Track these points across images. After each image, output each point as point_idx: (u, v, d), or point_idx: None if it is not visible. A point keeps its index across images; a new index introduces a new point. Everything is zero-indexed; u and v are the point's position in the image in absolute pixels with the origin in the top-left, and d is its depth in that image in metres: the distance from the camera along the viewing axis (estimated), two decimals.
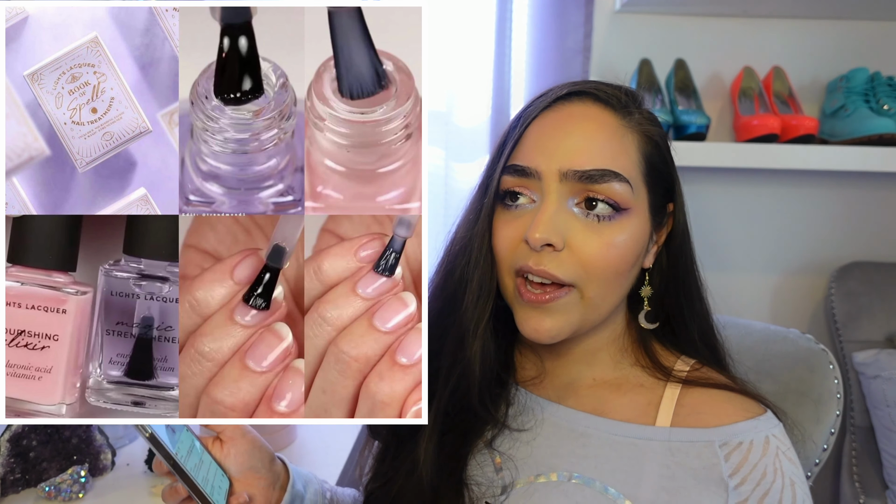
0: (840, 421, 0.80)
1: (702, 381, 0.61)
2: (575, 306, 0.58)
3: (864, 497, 1.28)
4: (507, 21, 1.33)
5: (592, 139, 0.58)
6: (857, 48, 1.40)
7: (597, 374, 0.65)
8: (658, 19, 1.40)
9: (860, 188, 1.46)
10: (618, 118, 0.59)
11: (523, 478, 0.60)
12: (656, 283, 0.64)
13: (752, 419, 0.58)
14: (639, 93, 0.63)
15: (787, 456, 0.58)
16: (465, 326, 0.60)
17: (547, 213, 0.56)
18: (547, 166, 0.57)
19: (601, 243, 0.57)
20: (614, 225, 0.57)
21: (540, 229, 0.56)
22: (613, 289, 0.59)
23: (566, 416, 0.62)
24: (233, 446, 0.59)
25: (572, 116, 0.59)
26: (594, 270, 0.57)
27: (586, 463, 0.59)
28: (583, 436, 0.60)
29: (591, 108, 0.60)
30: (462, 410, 0.61)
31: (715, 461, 0.57)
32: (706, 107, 1.38)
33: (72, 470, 0.83)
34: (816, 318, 1.50)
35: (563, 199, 0.57)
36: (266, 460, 0.60)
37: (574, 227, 0.57)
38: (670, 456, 0.57)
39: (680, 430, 0.58)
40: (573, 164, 0.57)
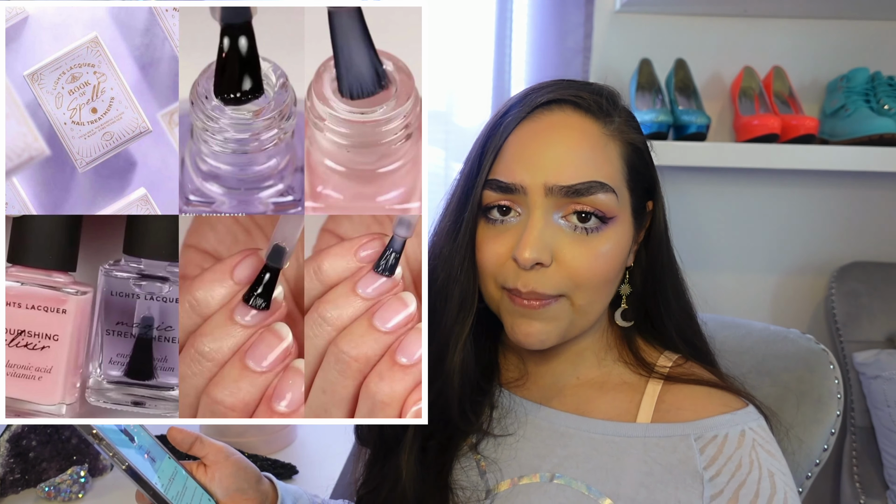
0: (840, 421, 0.80)
1: (684, 377, 0.62)
2: (565, 313, 0.58)
3: (865, 497, 1.28)
4: (507, 21, 1.33)
5: (576, 151, 0.57)
6: (857, 48, 1.40)
7: (581, 374, 0.65)
8: (658, 19, 1.40)
9: (860, 188, 1.46)
10: (599, 126, 0.58)
11: (507, 480, 0.60)
12: (637, 281, 0.64)
13: (728, 413, 0.58)
14: (615, 91, 0.62)
15: (766, 448, 0.57)
16: (446, 340, 0.60)
17: (535, 231, 0.56)
18: (532, 181, 0.56)
19: (589, 255, 0.56)
20: (601, 235, 0.57)
21: (528, 249, 0.55)
22: (602, 295, 0.60)
23: (549, 417, 0.62)
24: (217, 470, 0.58)
25: (553, 127, 0.58)
26: (583, 281, 0.57)
27: (568, 463, 0.59)
28: (564, 436, 0.61)
29: (571, 116, 0.58)
30: (443, 421, 0.61)
31: (690, 454, 0.57)
32: (706, 107, 1.38)
33: (71, 470, 0.83)
34: (816, 318, 1.50)
35: (549, 213, 0.57)
36: (252, 480, 0.60)
37: (562, 241, 0.57)
38: (648, 452, 0.58)
39: (658, 426, 0.59)
40: (559, 179, 0.56)
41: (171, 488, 0.53)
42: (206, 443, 0.58)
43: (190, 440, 0.58)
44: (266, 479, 0.62)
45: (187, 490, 0.55)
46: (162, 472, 0.54)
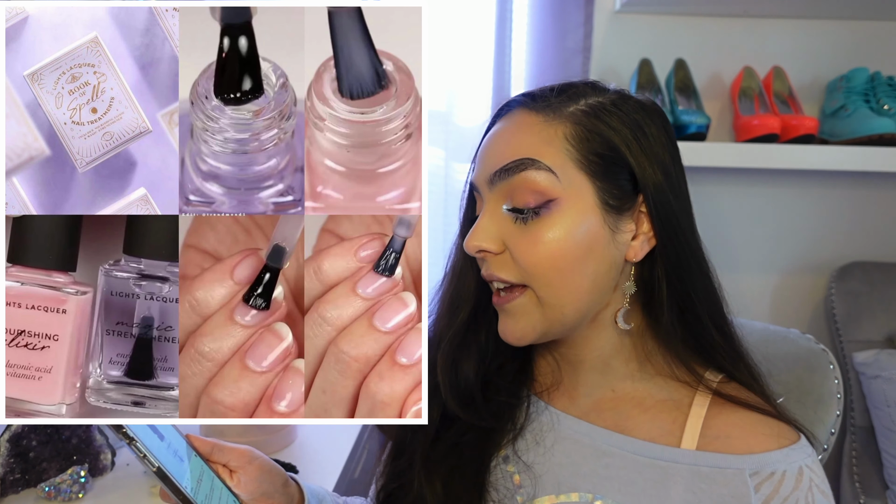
0: (840, 421, 0.80)
1: (731, 398, 0.59)
2: (534, 307, 0.58)
3: (864, 497, 1.28)
4: (507, 21, 1.33)
5: (510, 140, 0.58)
6: (857, 48, 1.40)
7: (615, 386, 0.62)
8: (658, 19, 1.40)
9: (860, 188, 1.46)
10: (540, 116, 0.58)
11: (544, 496, 0.59)
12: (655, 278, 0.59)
13: (785, 448, 0.56)
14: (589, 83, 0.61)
15: (821, 489, 0.56)
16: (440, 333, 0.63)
17: (482, 221, 0.58)
18: (481, 178, 0.60)
19: (530, 242, 0.56)
20: (542, 221, 0.56)
21: (472, 237, 0.58)
22: (566, 285, 0.56)
23: (588, 433, 0.61)
24: (243, 474, 0.57)
25: (499, 129, 0.61)
26: (532, 269, 0.56)
27: (609, 484, 0.57)
28: (605, 455, 0.59)
29: (517, 114, 0.60)
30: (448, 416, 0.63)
31: (744, 490, 0.54)
32: (706, 107, 1.38)
33: (72, 470, 0.83)
34: (816, 318, 1.50)
35: (498, 205, 0.58)
36: (278, 483, 0.59)
37: (509, 230, 0.58)
38: (696, 481, 0.55)
39: (708, 455, 0.56)
40: (495, 165, 0.58)
41: (200, 490, 0.52)
42: (226, 449, 0.57)
43: (207, 448, 0.56)
44: (292, 482, 0.62)
45: (214, 491, 0.54)
46: (191, 472, 0.52)
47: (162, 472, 0.49)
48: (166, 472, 0.49)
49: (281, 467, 0.60)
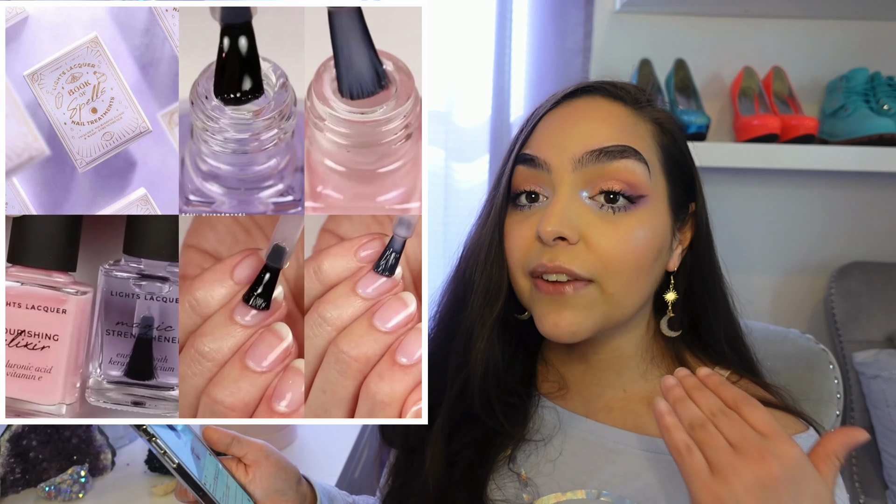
0: (840, 421, 0.80)
1: None
2: (596, 302, 0.55)
3: (864, 497, 1.28)
4: (507, 21, 1.33)
5: (605, 123, 0.56)
6: (857, 48, 1.40)
7: (627, 386, 0.62)
8: (658, 19, 1.40)
9: (860, 188, 1.46)
10: (629, 109, 0.58)
11: (549, 495, 0.58)
12: (681, 288, 0.61)
13: None
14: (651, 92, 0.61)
15: None
16: (470, 328, 0.60)
17: (559, 205, 0.54)
18: (558, 158, 0.56)
19: (619, 236, 0.54)
20: (631, 216, 0.55)
21: (552, 222, 0.53)
22: (636, 285, 0.56)
23: (596, 431, 0.60)
24: (257, 470, 0.57)
25: (581, 110, 0.58)
26: (614, 265, 0.54)
27: (615, 480, 0.56)
28: (612, 451, 0.58)
29: (600, 101, 0.58)
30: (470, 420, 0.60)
31: None
32: (706, 107, 1.38)
33: (72, 470, 0.83)
34: (816, 318, 1.50)
35: (576, 190, 0.55)
36: (292, 481, 0.59)
37: (589, 220, 0.55)
38: None
39: None
40: (588, 146, 0.55)
41: (218, 488, 0.52)
42: (244, 442, 0.57)
43: (227, 440, 0.56)
44: (305, 481, 0.62)
45: (230, 489, 0.54)
46: (207, 470, 0.53)
47: (181, 469, 0.50)
48: (186, 468, 0.50)
49: (295, 466, 0.60)
